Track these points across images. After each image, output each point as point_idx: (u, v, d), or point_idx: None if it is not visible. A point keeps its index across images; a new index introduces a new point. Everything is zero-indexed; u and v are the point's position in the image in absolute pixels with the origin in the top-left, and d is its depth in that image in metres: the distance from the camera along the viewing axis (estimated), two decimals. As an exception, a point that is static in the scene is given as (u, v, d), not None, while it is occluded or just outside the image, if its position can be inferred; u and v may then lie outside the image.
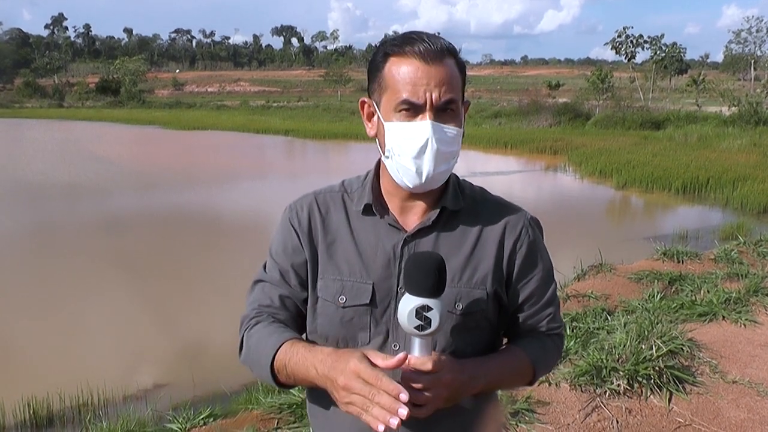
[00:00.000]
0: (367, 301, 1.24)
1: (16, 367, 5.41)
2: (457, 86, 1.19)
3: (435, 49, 1.17)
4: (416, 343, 1.10)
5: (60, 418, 4.44)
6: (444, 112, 1.18)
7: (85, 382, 4.57)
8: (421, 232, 1.25)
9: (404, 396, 0.99)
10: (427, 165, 1.18)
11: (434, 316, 1.08)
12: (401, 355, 1.05)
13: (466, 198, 1.30)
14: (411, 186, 1.22)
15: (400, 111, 1.18)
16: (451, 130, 1.19)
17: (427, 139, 1.17)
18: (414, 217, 1.27)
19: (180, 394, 4.63)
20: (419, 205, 1.27)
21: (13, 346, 5.87)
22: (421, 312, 1.08)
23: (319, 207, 1.32)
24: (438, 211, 1.25)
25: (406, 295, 1.10)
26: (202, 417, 3.91)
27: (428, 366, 1.08)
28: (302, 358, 1.16)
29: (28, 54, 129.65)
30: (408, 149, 1.18)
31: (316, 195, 1.35)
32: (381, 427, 0.99)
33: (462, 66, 1.23)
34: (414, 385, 1.08)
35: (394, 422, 0.98)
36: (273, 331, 1.25)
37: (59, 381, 4.64)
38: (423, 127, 1.17)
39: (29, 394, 4.41)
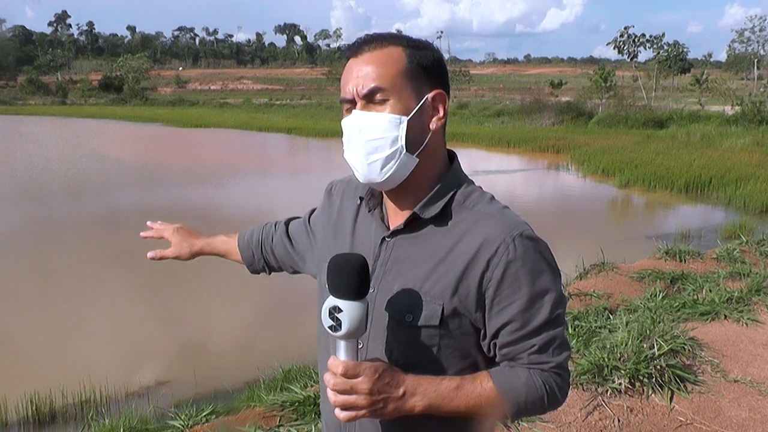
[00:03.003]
0: None
1: (18, 364, 5.42)
2: (390, 73, 1.15)
3: (368, 46, 1.17)
4: (340, 345, 1.09)
5: (62, 415, 4.45)
6: (372, 101, 1.15)
7: (88, 378, 4.58)
8: (396, 234, 1.22)
9: None
10: (356, 156, 1.17)
11: (344, 318, 1.06)
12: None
13: (457, 206, 1.21)
14: (362, 181, 1.21)
15: (345, 110, 1.20)
16: (377, 116, 1.15)
17: (351, 130, 1.17)
18: (399, 218, 1.24)
19: (182, 391, 4.64)
20: (402, 207, 1.24)
21: (16, 342, 5.89)
22: (333, 312, 1.07)
23: (346, 190, 1.38)
24: (409, 216, 1.21)
25: (329, 295, 1.10)
26: (204, 414, 3.91)
27: (339, 369, 1.07)
28: None
29: (31, 51, 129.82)
30: (345, 143, 1.20)
31: (351, 178, 1.36)
32: None
33: (421, 57, 1.18)
34: (327, 386, 1.09)
35: None
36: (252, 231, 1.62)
37: (62, 377, 4.66)
38: (349, 119, 1.18)
39: (32, 390, 4.42)
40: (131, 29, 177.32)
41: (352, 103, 1.17)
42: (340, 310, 1.06)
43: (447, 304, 1.15)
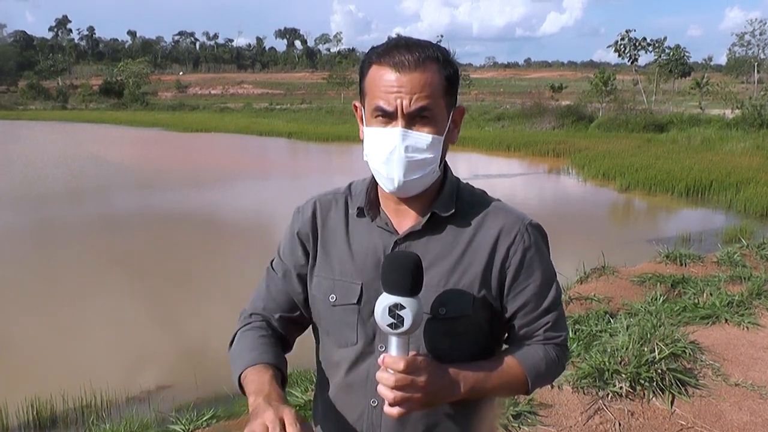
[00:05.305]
0: (355, 301, 1.27)
1: (19, 368, 5.43)
2: (434, 93, 1.18)
3: (412, 59, 1.17)
4: (393, 342, 1.12)
5: (63, 420, 4.46)
6: (418, 119, 1.18)
7: (88, 383, 4.58)
8: (411, 235, 1.26)
9: None
10: (396, 171, 1.19)
11: (407, 314, 1.09)
12: None
13: (463, 203, 1.29)
14: (388, 191, 1.23)
15: (375, 117, 1.20)
16: (423, 137, 1.19)
17: (395, 146, 1.18)
18: (408, 220, 1.27)
19: (183, 396, 4.65)
20: (413, 209, 1.27)
21: (17, 347, 5.89)
22: (394, 310, 1.10)
23: (321, 209, 1.36)
24: (428, 215, 1.25)
25: (383, 293, 1.12)
26: (205, 418, 3.92)
27: (400, 366, 1.10)
28: (248, 390, 1.18)
29: (32, 56, 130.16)
30: (379, 154, 1.20)
31: (320, 197, 1.39)
32: None
33: (451, 72, 1.22)
34: (386, 384, 1.10)
35: None
36: (250, 347, 1.28)
37: (62, 382, 4.66)
38: (392, 133, 1.18)
39: (33, 395, 4.43)
40: (132, 34, 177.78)
41: (390, 115, 1.18)
42: (402, 307, 1.10)
43: (476, 294, 1.24)
